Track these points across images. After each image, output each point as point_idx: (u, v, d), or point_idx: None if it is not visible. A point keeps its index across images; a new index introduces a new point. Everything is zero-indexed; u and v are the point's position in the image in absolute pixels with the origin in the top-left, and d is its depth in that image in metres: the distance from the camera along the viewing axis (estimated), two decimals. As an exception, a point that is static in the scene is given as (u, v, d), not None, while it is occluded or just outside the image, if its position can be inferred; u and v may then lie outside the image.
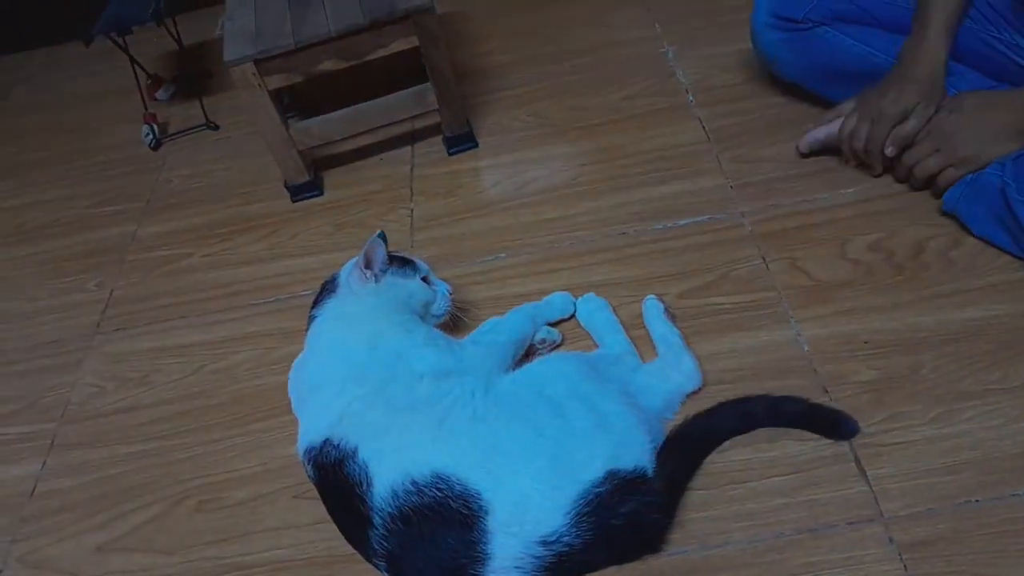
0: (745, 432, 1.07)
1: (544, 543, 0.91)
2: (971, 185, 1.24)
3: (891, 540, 0.95)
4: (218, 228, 1.66)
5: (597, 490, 0.93)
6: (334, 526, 1.03)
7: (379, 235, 1.16)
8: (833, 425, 1.06)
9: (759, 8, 1.50)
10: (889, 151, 1.32)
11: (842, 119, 1.39)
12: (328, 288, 1.20)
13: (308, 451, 1.03)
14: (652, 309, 1.23)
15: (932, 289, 1.21)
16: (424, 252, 1.47)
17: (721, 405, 1.08)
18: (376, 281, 1.16)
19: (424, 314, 1.21)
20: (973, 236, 1.26)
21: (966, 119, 1.26)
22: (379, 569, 0.97)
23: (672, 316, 1.23)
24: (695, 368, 1.14)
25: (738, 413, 1.07)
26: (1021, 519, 0.94)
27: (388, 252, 1.19)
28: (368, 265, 1.16)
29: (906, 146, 1.32)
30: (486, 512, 0.91)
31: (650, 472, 0.97)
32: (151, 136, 1.94)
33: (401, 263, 1.20)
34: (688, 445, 1.05)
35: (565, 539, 0.91)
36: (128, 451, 1.27)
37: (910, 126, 1.30)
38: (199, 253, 1.61)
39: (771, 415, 1.07)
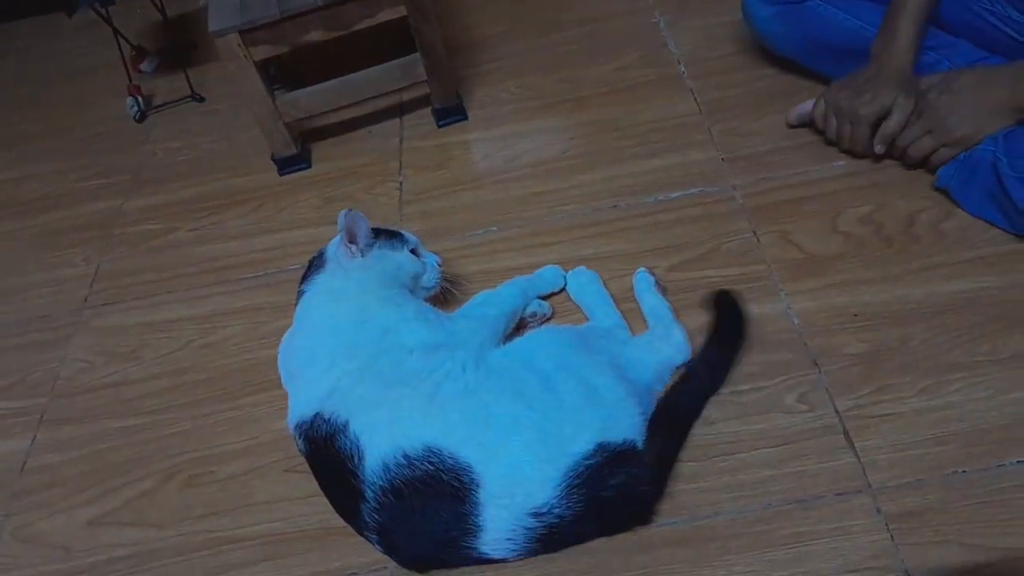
0: (722, 381, 1.10)
1: (535, 515, 0.91)
2: (964, 163, 1.24)
3: (879, 511, 0.96)
4: (205, 202, 1.65)
5: (587, 463, 0.93)
6: (325, 500, 1.03)
7: (347, 211, 1.13)
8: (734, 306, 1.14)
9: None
10: (879, 149, 1.32)
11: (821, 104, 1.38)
12: (316, 264, 1.19)
13: (299, 425, 1.03)
14: (643, 282, 1.23)
15: (922, 261, 1.21)
16: (413, 225, 1.46)
17: (690, 368, 1.10)
18: (363, 255, 1.15)
19: (414, 287, 1.20)
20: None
21: (959, 99, 1.24)
22: (371, 542, 0.98)
23: (663, 289, 1.23)
24: (684, 341, 1.14)
25: (707, 366, 1.10)
26: (1008, 489, 0.95)
27: (376, 226, 1.18)
28: (352, 240, 1.15)
29: (894, 140, 1.31)
30: (477, 485, 0.91)
31: (640, 445, 0.98)
32: (136, 108, 1.91)
33: (389, 236, 1.19)
34: (672, 415, 1.05)
35: (556, 511, 0.91)
36: (118, 426, 1.27)
37: (895, 121, 1.29)
38: (186, 227, 1.60)
39: (730, 346, 1.12)
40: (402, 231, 1.23)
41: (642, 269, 1.25)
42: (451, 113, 1.68)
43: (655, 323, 1.17)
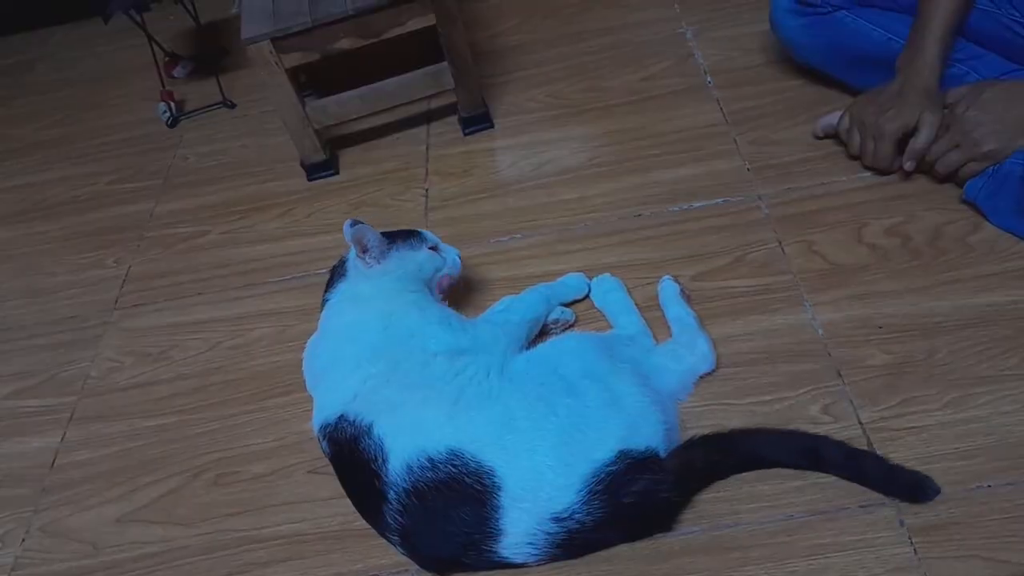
0: (803, 468, 1.01)
1: (556, 519, 0.92)
2: (992, 177, 1.23)
3: (902, 523, 0.95)
4: (234, 206, 1.67)
5: (609, 469, 0.93)
6: (349, 501, 1.04)
7: (350, 223, 1.14)
8: (913, 488, 0.97)
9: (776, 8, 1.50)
10: (908, 166, 1.31)
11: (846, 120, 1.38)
12: (338, 272, 1.21)
13: (323, 427, 1.04)
14: (668, 290, 1.23)
15: (949, 274, 1.20)
16: (439, 232, 1.45)
17: (791, 433, 1.03)
18: (379, 263, 1.17)
19: (432, 285, 1.22)
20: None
21: (986, 113, 1.23)
22: (392, 544, 0.99)
23: (688, 297, 1.23)
24: (709, 350, 1.14)
25: (806, 449, 1.00)
26: (1034, 504, 0.94)
27: (391, 229, 1.20)
28: (364, 250, 1.16)
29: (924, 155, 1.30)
30: (499, 488, 0.92)
31: (662, 452, 0.98)
32: (168, 114, 1.94)
33: (406, 237, 1.20)
34: (729, 452, 1.01)
35: (577, 516, 0.92)
36: (147, 425, 1.29)
37: (923, 138, 1.27)
38: (216, 231, 1.63)
39: (848, 464, 0.99)
40: (419, 230, 1.24)
41: (667, 277, 1.25)
42: (477, 121, 1.70)
43: (680, 331, 1.17)
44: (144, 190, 1.78)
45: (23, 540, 1.18)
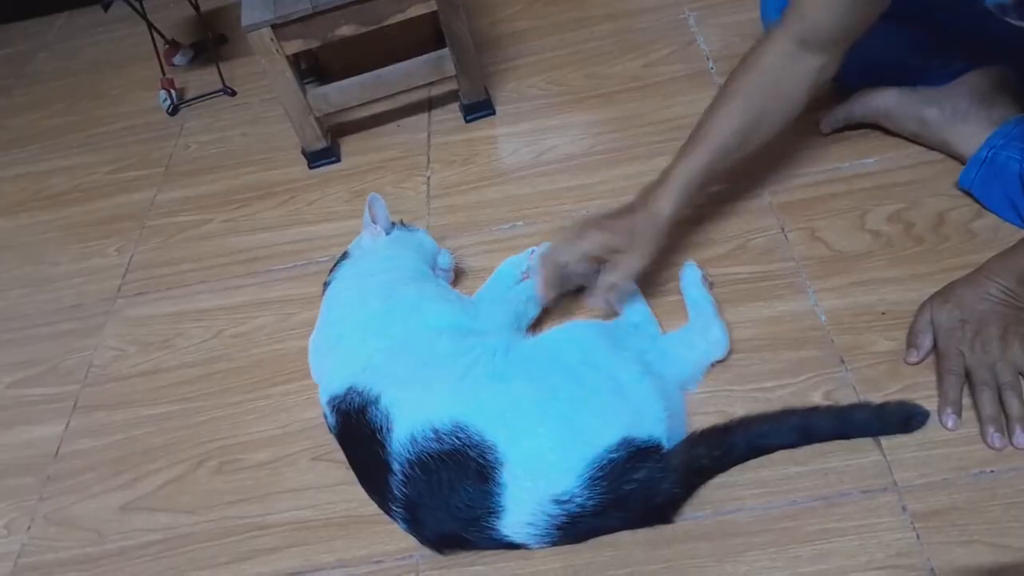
0: (801, 445, 1.02)
1: (557, 502, 0.92)
2: (988, 165, 1.22)
3: (904, 509, 0.96)
4: (236, 194, 1.67)
5: (611, 456, 0.94)
6: (353, 488, 1.05)
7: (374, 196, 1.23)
8: (905, 419, 1.01)
9: (766, 5, 1.48)
10: (591, 302, 1.17)
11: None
12: (342, 257, 1.25)
13: (331, 399, 1.06)
14: (690, 275, 1.22)
15: (952, 261, 1.20)
16: (441, 220, 1.47)
17: (782, 414, 1.02)
18: (385, 234, 1.22)
19: (433, 266, 1.26)
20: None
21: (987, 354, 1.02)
22: (395, 518, 1.00)
23: (710, 284, 1.22)
24: (723, 337, 1.13)
25: (797, 427, 1.01)
26: (1036, 490, 0.95)
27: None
28: (374, 220, 1.21)
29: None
30: (501, 464, 0.93)
31: (665, 442, 0.98)
32: (169, 102, 1.94)
33: (404, 224, 1.27)
34: (729, 444, 1.00)
35: (577, 500, 0.92)
36: (150, 413, 1.29)
37: (615, 277, 1.13)
38: (218, 219, 1.62)
39: (839, 425, 1.01)
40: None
41: (691, 262, 1.24)
42: (479, 108, 1.69)
43: (696, 316, 1.16)
44: (145, 178, 1.78)
45: (28, 528, 1.18)
